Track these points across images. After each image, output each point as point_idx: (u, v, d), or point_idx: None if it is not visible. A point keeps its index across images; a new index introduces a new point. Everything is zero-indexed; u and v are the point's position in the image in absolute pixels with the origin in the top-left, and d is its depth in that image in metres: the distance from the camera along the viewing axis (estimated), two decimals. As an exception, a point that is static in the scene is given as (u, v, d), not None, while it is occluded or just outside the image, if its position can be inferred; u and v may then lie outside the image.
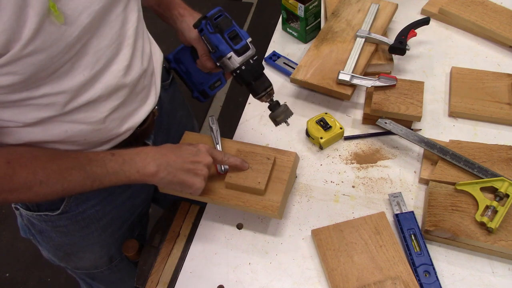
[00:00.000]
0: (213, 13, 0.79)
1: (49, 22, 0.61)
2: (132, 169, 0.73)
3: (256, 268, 0.83)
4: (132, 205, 0.98)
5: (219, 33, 0.78)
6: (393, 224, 0.85)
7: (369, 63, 1.08)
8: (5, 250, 1.97)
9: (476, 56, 1.13)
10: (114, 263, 1.03)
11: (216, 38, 0.78)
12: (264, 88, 0.82)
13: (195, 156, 0.78)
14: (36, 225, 0.91)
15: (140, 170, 0.74)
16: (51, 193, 0.70)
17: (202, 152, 0.79)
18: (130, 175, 0.73)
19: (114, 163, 0.73)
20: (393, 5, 1.16)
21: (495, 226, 0.78)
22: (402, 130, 0.94)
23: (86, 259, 0.99)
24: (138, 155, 0.74)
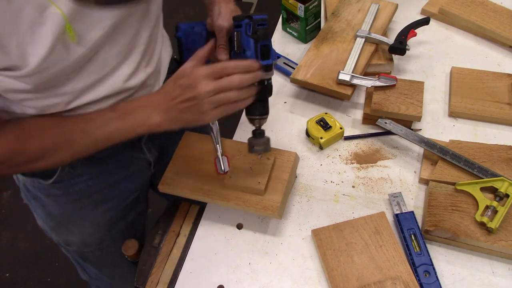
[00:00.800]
0: (259, 18, 0.74)
1: (63, 41, 0.63)
2: (135, 124, 0.73)
3: (256, 268, 0.83)
4: (127, 188, 0.99)
5: (254, 40, 0.74)
6: (393, 224, 0.85)
7: (369, 63, 1.08)
8: (5, 250, 1.97)
9: (476, 56, 1.13)
10: (104, 245, 1.03)
11: (248, 42, 0.74)
12: (261, 113, 0.79)
13: (189, 90, 0.69)
14: (30, 191, 0.93)
15: (145, 122, 0.73)
16: (65, 158, 0.74)
17: (197, 81, 0.68)
18: (136, 129, 0.73)
19: (116, 121, 0.73)
20: (393, 5, 1.16)
21: (495, 226, 0.78)
22: (402, 130, 0.94)
23: (76, 233, 0.99)
24: (139, 110, 0.73)
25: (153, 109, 0.72)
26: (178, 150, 0.94)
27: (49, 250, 1.95)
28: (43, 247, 1.96)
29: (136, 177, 1.00)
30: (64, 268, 1.90)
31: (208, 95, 0.68)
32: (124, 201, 1.00)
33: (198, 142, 0.95)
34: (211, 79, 0.68)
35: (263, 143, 0.81)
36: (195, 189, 0.87)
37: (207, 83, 0.67)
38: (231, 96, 0.69)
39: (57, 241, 1.05)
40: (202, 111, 0.69)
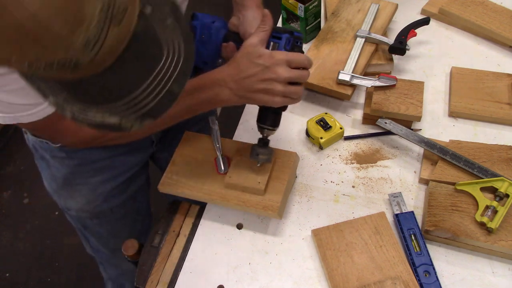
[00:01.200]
0: (299, 36, 0.77)
1: None
2: (205, 100, 0.76)
3: (256, 268, 0.83)
4: (127, 161, 1.03)
5: None
6: (393, 224, 0.85)
7: (369, 63, 1.08)
8: (5, 250, 1.97)
9: (476, 56, 1.13)
10: (102, 215, 1.07)
11: None
12: (273, 124, 0.81)
13: (267, 72, 0.71)
14: (38, 151, 0.98)
15: (214, 99, 0.76)
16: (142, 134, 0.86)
17: (277, 64, 0.71)
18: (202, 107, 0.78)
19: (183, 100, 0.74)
20: (393, 5, 1.16)
21: (495, 226, 0.78)
22: (402, 130, 0.94)
23: (74, 198, 1.03)
24: (209, 87, 0.76)
25: (223, 86, 0.74)
26: (178, 150, 0.94)
27: (49, 250, 1.95)
28: (43, 247, 1.96)
29: (137, 152, 1.04)
30: (64, 268, 1.90)
31: (285, 81, 0.71)
32: (123, 174, 1.03)
33: (198, 142, 0.95)
34: (289, 68, 0.71)
35: (266, 153, 0.83)
36: (195, 189, 0.87)
37: (286, 69, 0.71)
38: (298, 90, 0.74)
39: (60, 205, 1.09)
40: (274, 93, 0.72)
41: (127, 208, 1.10)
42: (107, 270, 1.32)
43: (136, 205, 1.13)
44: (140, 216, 1.17)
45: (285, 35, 0.74)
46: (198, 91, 0.76)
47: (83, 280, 1.87)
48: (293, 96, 0.74)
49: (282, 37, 0.75)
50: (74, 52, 0.40)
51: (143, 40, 0.44)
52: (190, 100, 0.76)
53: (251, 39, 0.72)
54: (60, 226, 2.02)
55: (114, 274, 1.33)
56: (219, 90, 0.75)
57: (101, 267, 1.33)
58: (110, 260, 1.27)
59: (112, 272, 1.32)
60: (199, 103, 0.77)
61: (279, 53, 0.72)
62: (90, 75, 0.43)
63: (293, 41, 0.75)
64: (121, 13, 0.41)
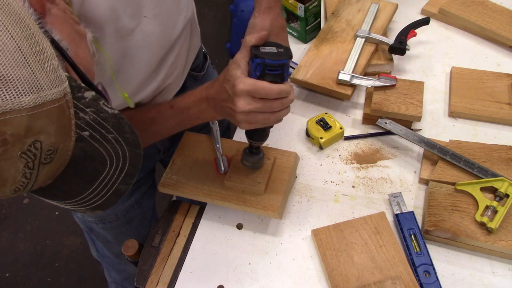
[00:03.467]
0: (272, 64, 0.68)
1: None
2: (192, 118, 0.79)
3: (256, 268, 0.83)
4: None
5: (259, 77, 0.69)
6: (393, 224, 0.85)
7: (369, 63, 1.08)
8: (5, 250, 1.97)
9: (476, 56, 1.13)
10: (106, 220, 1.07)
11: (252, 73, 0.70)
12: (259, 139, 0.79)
13: (230, 101, 0.70)
14: None
15: (200, 116, 0.79)
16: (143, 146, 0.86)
17: (237, 95, 0.67)
18: (192, 122, 0.80)
19: (175, 117, 0.80)
20: (393, 5, 1.16)
21: (495, 226, 0.78)
22: (402, 130, 0.94)
23: None
24: (194, 105, 0.78)
25: (206, 104, 0.76)
26: (178, 150, 0.94)
27: (49, 250, 1.95)
28: (43, 247, 1.96)
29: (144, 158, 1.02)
30: (64, 268, 1.90)
31: (244, 113, 0.69)
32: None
33: (198, 142, 0.95)
34: (252, 98, 0.67)
35: (251, 161, 0.83)
36: (195, 189, 0.87)
37: (246, 101, 0.67)
38: (266, 117, 0.70)
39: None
40: (237, 121, 0.71)
41: (132, 214, 1.09)
42: (111, 274, 1.32)
43: (142, 211, 1.12)
44: (146, 221, 1.16)
45: (256, 60, 0.68)
46: (187, 108, 0.78)
47: (83, 280, 1.87)
48: (261, 123, 0.71)
49: (254, 61, 0.68)
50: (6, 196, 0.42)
51: (82, 159, 0.45)
52: (182, 116, 0.79)
53: (236, 56, 0.71)
54: (60, 226, 2.02)
55: (119, 278, 1.33)
56: (204, 108, 0.77)
57: (105, 271, 1.32)
58: (115, 265, 1.27)
59: (116, 276, 1.32)
60: (189, 119, 0.79)
61: (243, 81, 0.66)
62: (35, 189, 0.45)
63: (263, 68, 0.67)
64: (50, 155, 0.41)
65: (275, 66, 0.67)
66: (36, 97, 0.38)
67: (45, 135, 0.40)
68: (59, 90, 0.41)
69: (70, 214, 2.16)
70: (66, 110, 0.42)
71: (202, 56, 1.10)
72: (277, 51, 0.68)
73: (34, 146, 0.39)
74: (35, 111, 0.38)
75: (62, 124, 0.42)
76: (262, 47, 0.69)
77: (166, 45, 0.80)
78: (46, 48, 0.41)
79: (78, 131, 0.44)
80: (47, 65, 0.40)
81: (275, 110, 0.69)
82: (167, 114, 0.80)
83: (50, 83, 0.40)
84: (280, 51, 0.69)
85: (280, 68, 0.68)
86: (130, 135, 0.47)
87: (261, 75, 0.68)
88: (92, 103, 0.44)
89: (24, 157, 0.39)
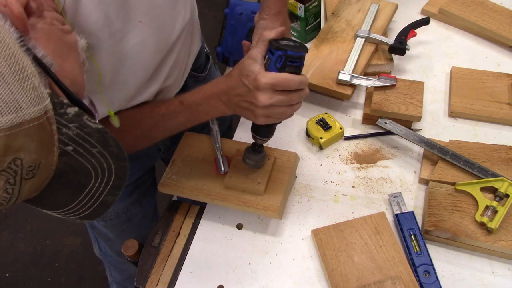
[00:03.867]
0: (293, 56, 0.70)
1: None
2: (202, 113, 0.79)
3: (256, 268, 0.83)
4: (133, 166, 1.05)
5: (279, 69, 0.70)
6: (393, 224, 0.85)
7: (369, 63, 1.08)
8: (5, 250, 1.97)
9: (476, 56, 1.13)
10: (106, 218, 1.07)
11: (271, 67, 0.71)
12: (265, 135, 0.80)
13: (250, 95, 0.70)
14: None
15: (210, 112, 0.79)
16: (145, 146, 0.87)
17: (259, 89, 0.68)
18: (201, 118, 0.80)
19: (184, 113, 0.80)
20: (393, 5, 1.16)
21: (495, 226, 0.78)
22: (402, 130, 0.94)
23: None
24: (204, 101, 0.78)
25: (217, 100, 0.76)
26: (178, 150, 0.94)
27: (49, 250, 1.95)
28: (43, 247, 1.96)
29: (144, 157, 1.04)
30: (64, 268, 1.90)
31: (265, 107, 0.70)
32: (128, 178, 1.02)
33: (198, 142, 0.95)
34: (273, 91, 0.68)
35: (254, 159, 0.83)
36: (195, 189, 0.87)
37: (268, 95, 0.68)
38: (284, 111, 0.72)
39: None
40: (256, 115, 0.72)
41: (132, 212, 1.09)
42: (112, 274, 1.32)
43: (143, 209, 1.12)
44: (148, 219, 1.16)
45: (277, 53, 0.69)
46: (196, 105, 0.78)
47: (83, 280, 1.87)
48: (277, 117, 0.73)
49: (274, 53, 0.70)
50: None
51: (67, 173, 0.46)
52: (190, 114, 0.79)
53: (250, 52, 0.72)
54: (60, 226, 2.02)
55: (120, 278, 1.33)
56: (214, 103, 0.77)
57: (107, 270, 1.33)
58: (117, 264, 1.27)
59: (117, 275, 1.32)
60: (198, 114, 0.80)
61: (265, 76, 0.67)
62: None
63: (284, 60, 0.69)
64: (32, 170, 0.41)
65: (296, 57, 0.69)
66: (14, 116, 0.38)
67: (26, 152, 0.40)
68: (39, 109, 0.40)
69: (70, 214, 2.14)
70: (48, 127, 0.42)
71: (204, 57, 1.10)
72: (294, 44, 0.71)
73: (14, 163, 0.39)
74: (13, 130, 0.38)
75: (43, 141, 0.42)
76: (280, 41, 0.71)
77: (163, 49, 0.80)
78: (27, 66, 0.41)
79: (61, 146, 0.44)
80: (27, 84, 0.40)
81: (293, 103, 0.71)
82: (177, 110, 0.80)
83: (29, 102, 0.40)
84: (297, 44, 0.71)
85: (300, 60, 0.70)
86: (115, 148, 0.48)
87: (282, 66, 0.69)
88: (75, 119, 0.44)
89: (4, 174, 0.39)
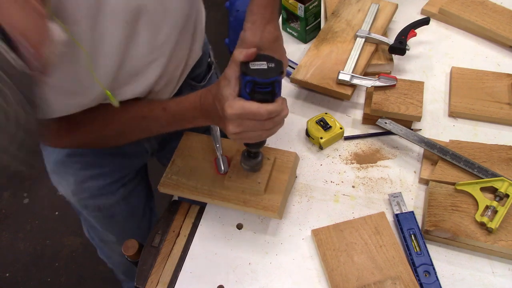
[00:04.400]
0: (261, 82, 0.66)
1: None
2: (183, 123, 0.81)
3: (256, 268, 0.83)
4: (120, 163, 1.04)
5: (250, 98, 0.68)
6: (393, 224, 0.85)
7: (369, 63, 1.08)
8: (5, 250, 1.97)
9: (476, 56, 1.13)
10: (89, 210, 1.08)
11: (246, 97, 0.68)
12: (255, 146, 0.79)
13: (221, 120, 0.71)
14: None
15: (191, 122, 0.80)
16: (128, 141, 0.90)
17: (227, 118, 0.67)
18: (183, 127, 0.82)
19: (166, 120, 0.81)
20: (393, 5, 1.16)
21: (495, 226, 0.78)
22: (402, 130, 0.94)
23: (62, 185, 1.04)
24: (186, 114, 0.78)
25: (199, 113, 0.77)
26: (178, 150, 0.94)
27: (49, 250, 1.95)
28: (43, 247, 1.96)
29: (131, 157, 1.05)
30: (64, 268, 1.90)
31: (236, 133, 0.69)
32: (114, 174, 1.04)
33: (198, 142, 0.95)
34: (241, 119, 0.67)
35: (249, 164, 0.83)
36: (195, 189, 0.87)
37: (236, 124, 0.67)
38: (259, 134, 0.70)
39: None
40: (231, 138, 0.72)
41: (117, 210, 1.09)
42: (100, 255, 1.37)
43: (129, 208, 1.12)
44: (135, 219, 1.16)
45: (245, 78, 0.66)
46: (180, 114, 0.79)
47: (83, 280, 1.87)
48: (253, 140, 0.72)
49: (243, 78, 0.66)
50: None
51: None
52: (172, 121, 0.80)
53: (225, 71, 0.70)
54: (60, 226, 2.02)
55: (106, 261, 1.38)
56: (197, 116, 0.78)
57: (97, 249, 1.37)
58: (102, 249, 1.31)
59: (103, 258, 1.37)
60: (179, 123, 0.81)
61: (231, 106, 0.66)
62: None
63: (252, 86, 0.66)
64: None
65: (264, 84, 0.65)
66: None
67: None
68: None
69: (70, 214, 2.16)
70: None
71: (205, 66, 1.08)
72: (267, 67, 0.66)
73: None
74: None
75: None
76: (252, 63, 0.67)
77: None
78: None
79: None
80: None
81: (266, 128, 0.69)
82: (159, 115, 0.80)
83: None
84: (271, 66, 0.66)
85: (270, 86, 0.66)
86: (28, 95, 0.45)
87: (251, 92, 0.66)
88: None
89: None
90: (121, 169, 1.05)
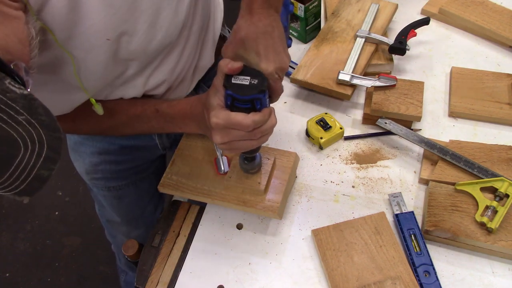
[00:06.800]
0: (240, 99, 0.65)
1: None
2: (174, 127, 0.83)
3: (256, 268, 0.83)
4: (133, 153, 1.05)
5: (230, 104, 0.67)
6: (393, 224, 0.85)
7: (369, 63, 1.08)
8: (5, 250, 1.97)
9: (476, 56, 1.13)
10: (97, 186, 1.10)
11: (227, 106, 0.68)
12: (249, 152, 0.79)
13: (208, 130, 0.71)
14: None
15: (182, 128, 0.83)
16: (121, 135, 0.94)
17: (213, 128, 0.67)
18: (174, 130, 0.84)
19: (157, 121, 0.82)
20: (393, 5, 1.16)
21: (495, 226, 0.78)
22: (402, 130, 0.94)
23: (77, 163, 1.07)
24: (177, 118, 0.80)
25: (190, 119, 0.79)
26: (178, 150, 0.94)
27: (49, 250, 1.95)
28: (43, 247, 1.96)
29: (143, 149, 1.06)
30: (64, 268, 1.90)
31: (222, 143, 0.69)
32: (127, 162, 1.05)
33: (198, 142, 0.95)
34: (227, 130, 0.67)
35: (246, 168, 0.84)
36: (195, 190, 0.87)
37: (221, 135, 0.67)
38: (248, 144, 0.70)
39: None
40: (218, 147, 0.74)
41: (125, 191, 1.11)
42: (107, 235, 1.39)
43: (138, 192, 1.14)
44: (143, 202, 1.18)
45: (226, 91, 0.65)
46: (171, 118, 0.81)
47: (83, 280, 1.87)
48: (242, 150, 0.72)
49: (225, 91, 0.66)
50: None
51: None
52: (163, 123, 0.82)
53: (214, 80, 0.69)
54: (60, 226, 2.02)
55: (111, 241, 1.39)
56: (187, 122, 0.79)
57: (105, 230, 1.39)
58: (108, 228, 1.32)
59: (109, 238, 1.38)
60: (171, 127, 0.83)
61: (216, 115, 0.66)
62: None
63: (231, 101, 0.65)
64: None
65: (242, 101, 0.64)
66: None
67: None
68: None
69: (70, 214, 2.16)
70: None
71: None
72: (249, 83, 0.64)
73: None
74: None
75: None
76: (235, 76, 0.65)
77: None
78: None
79: None
80: None
81: (254, 138, 0.68)
82: (151, 116, 0.82)
83: None
84: (253, 83, 0.64)
85: (250, 103, 0.65)
86: (45, 117, 0.45)
87: (230, 106, 0.66)
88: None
89: None
90: (134, 159, 1.06)
